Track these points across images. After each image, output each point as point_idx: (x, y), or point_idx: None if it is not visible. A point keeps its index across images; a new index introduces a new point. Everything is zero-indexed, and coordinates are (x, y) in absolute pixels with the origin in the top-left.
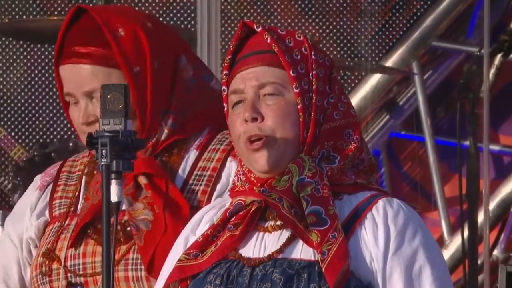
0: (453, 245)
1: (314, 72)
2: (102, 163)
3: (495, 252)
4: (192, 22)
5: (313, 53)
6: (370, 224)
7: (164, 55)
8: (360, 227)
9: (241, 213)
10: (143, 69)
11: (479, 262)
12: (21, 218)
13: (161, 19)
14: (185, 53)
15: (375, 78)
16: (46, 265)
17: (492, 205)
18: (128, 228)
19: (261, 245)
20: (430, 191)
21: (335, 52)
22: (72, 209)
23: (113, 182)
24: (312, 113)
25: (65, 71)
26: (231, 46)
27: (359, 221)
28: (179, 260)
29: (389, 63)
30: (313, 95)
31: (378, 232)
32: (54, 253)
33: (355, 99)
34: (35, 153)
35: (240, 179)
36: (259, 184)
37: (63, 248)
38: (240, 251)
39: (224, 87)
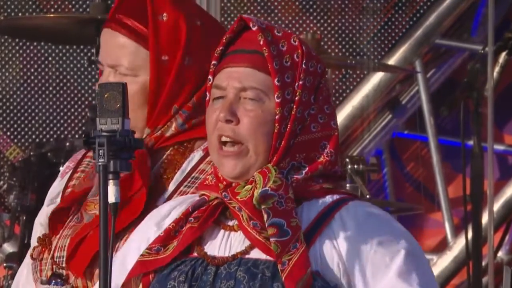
0: (457, 247)
1: (300, 82)
2: (99, 163)
3: (500, 254)
4: None
5: (304, 61)
6: (339, 225)
7: (200, 55)
8: (328, 228)
9: (203, 208)
10: (171, 60)
11: (483, 264)
12: (42, 210)
13: None
14: None
15: (377, 77)
16: (39, 251)
17: (496, 206)
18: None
19: (227, 244)
20: (433, 191)
21: (336, 50)
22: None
23: (111, 182)
24: (289, 125)
25: (103, 35)
26: (224, 38)
27: (327, 222)
28: (141, 255)
29: (392, 61)
30: (294, 106)
31: (349, 233)
32: (49, 240)
33: (357, 98)
34: (31, 153)
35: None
36: (224, 182)
37: (57, 237)
38: (206, 249)
39: (210, 77)
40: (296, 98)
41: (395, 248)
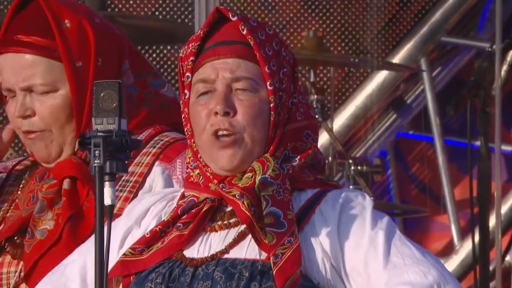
0: (463, 251)
1: (284, 69)
2: (95, 165)
3: (507, 258)
4: (190, 16)
5: (283, 49)
6: (319, 219)
7: (109, 54)
8: (310, 223)
9: (193, 211)
10: (86, 65)
11: (490, 268)
12: None
13: (157, 13)
14: (129, 58)
15: (381, 75)
16: None
17: (504, 208)
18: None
19: (206, 245)
20: (439, 193)
21: (339, 48)
22: (7, 215)
23: (107, 184)
24: (282, 113)
25: (4, 60)
26: (200, 32)
27: (308, 218)
28: (123, 254)
29: (396, 59)
30: (283, 94)
31: (330, 227)
32: None
33: (361, 97)
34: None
35: (193, 171)
36: (215, 180)
37: None
38: (184, 252)
39: (188, 74)
40: (284, 86)
41: (374, 234)
